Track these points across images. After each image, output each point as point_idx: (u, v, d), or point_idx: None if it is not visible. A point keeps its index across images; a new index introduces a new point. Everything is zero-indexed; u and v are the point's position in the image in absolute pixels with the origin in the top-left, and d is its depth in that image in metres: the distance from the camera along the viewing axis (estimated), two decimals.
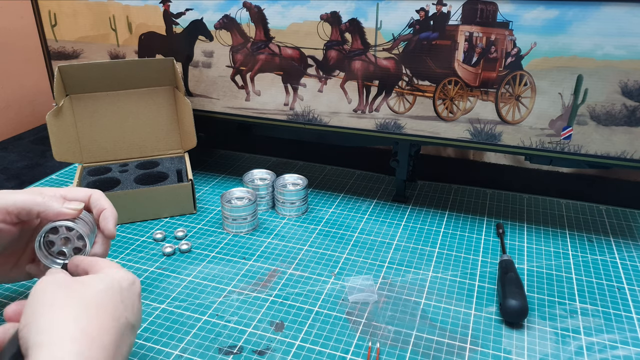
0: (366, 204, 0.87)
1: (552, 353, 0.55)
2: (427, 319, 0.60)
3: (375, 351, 0.55)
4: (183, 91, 0.84)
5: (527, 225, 0.80)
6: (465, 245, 0.75)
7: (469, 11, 0.67)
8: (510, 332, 0.58)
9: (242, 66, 0.83)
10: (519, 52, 0.67)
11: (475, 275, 0.68)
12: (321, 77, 0.79)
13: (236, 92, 0.85)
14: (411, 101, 0.75)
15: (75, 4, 0.89)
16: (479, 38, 0.68)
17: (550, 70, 0.67)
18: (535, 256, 0.72)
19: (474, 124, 0.73)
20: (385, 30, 0.72)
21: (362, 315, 0.61)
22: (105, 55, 0.92)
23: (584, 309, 0.62)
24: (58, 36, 0.93)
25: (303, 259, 0.72)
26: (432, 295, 0.64)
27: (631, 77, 0.64)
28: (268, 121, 0.85)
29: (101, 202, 0.56)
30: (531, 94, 0.69)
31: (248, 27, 0.80)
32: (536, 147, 0.72)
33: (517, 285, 0.61)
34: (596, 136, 0.68)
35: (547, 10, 0.64)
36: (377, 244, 0.75)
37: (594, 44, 0.64)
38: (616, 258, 0.72)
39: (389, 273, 0.68)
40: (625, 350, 0.56)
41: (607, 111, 0.67)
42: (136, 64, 0.84)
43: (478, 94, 0.71)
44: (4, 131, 1.19)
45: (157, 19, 0.85)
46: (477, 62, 0.70)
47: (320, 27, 0.76)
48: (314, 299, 0.63)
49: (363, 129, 0.80)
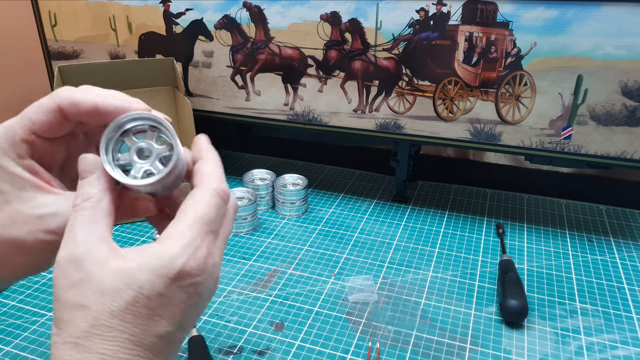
0: (366, 204, 0.87)
1: (552, 353, 0.55)
2: (427, 319, 0.60)
3: (375, 351, 0.55)
4: (183, 91, 0.84)
5: (527, 225, 0.80)
6: (465, 245, 0.75)
7: (469, 11, 0.67)
8: (510, 332, 0.58)
9: (242, 66, 0.83)
10: (519, 52, 0.67)
11: (475, 275, 0.68)
12: (321, 77, 0.79)
13: (236, 92, 0.85)
14: (411, 101, 0.75)
15: (75, 4, 0.89)
16: (479, 38, 0.68)
17: (550, 70, 0.67)
18: (535, 256, 0.72)
19: (474, 124, 0.73)
20: (385, 30, 0.72)
21: (362, 315, 0.61)
22: (105, 55, 0.91)
23: (584, 309, 0.62)
24: (58, 36, 0.93)
25: (303, 259, 0.72)
26: (432, 295, 0.64)
27: (631, 77, 0.64)
28: (268, 121, 0.85)
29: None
30: (531, 94, 0.69)
31: (248, 27, 0.80)
32: (536, 147, 0.72)
33: (517, 285, 0.61)
34: (596, 136, 0.68)
35: (547, 10, 0.64)
36: (377, 244, 0.75)
37: (594, 44, 0.64)
38: (616, 258, 0.72)
39: (389, 273, 0.68)
40: (625, 350, 0.56)
41: (607, 111, 0.67)
42: (136, 64, 0.84)
43: (478, 94, 0.71)
44: None
45: (157, 19, 0.85)
46: (477, 62, 0.70)
47: (320, 27, 0.76)
48: (314, 299, 0.63)
49: (363, 129, 0.80)
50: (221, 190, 0.30)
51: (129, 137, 0.31)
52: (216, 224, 0.30)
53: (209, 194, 0.30)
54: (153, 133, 0.31)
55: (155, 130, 0.31)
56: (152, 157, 0.31)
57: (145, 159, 0.31)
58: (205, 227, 0.29)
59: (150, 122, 0.31)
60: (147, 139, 0.31)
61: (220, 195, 0.30)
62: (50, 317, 0.60)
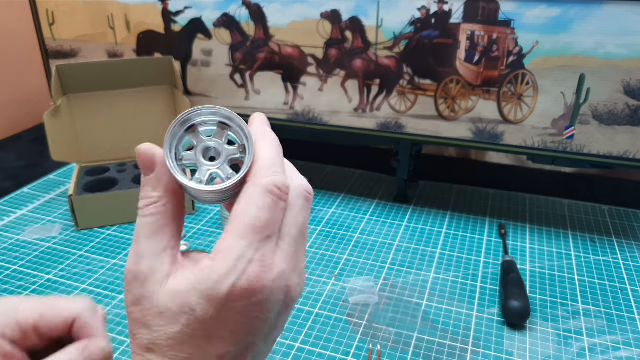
0: (367, 204, 0.86)
1: (554, 355, 0.55)
2: (428, 321, 0.59)
3: (376, 353, 0.55)
4: (182, 90, 0.83)
5: (530, 225, 0.79)
6: (467, 246, 0.74)
7: (471, 9, 0.67)
8: (512, 334, 0.58)
9: (242, 65, 0.82)
10: (521, 51, 0.67)
11: (477, 277, 0.67)
12: (321, 75, 0.78)
13: (235, 91, 0.85)
14: (412, 100, 0.75)
15: (73, 2, 0.88)
16: (480, 37, 0.68)
17: (552, 70, 0.66)
18: (537, 257, 0.72)
19: (476, 123, 0.73)
20: (386, 29, 0.72)
21: (362, 317, 0.60)
22: (103, 54, 0.91)
23: (586, 310, 0.62)
24: (56, 35, 0.92)
25: None
26: (433, 296, 0.64)
27: (633, 76, 0.64)
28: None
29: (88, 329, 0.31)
30: (533, 93, 0.68)
31: (247, 26, 0.79)
32: (538, 147, 0.71)
33: (519, 287, 0.61)
34: (599, 136, 0.68)
35: (549, 9, 0.64)
36: (377, 244, 0.75)
37: (596, 42, 0.63)
38: (619, 259, 0.72)
39: (390, 274, 0.68)
40: (627, 351, 0.55)
41: (609, 110, 0.66)
42: (134, 63, 0.83)
43: (480, 93, 0.71)
44: (1, 131, 1.19)
45: (156, 18, 0.84)
46: (479, 60, 0.69)
47: (321, 25, 0.75)
48: (314, 301, 0.63)
49: (364, 128, 0.79)
50: (273, 186, 0.26)
51: (196, 135, 0.27)
52: (272, 227, 0.26)
53: (258, 192, 0.26)
54: (223, 131, 0.27)
55: (225, 128, 0.27)
56: (222, 159, 0.27)
57: (213, 161, 0.27)
58: (257, 236, 0.25)
59: (220, 118, 0.27)
60: (216, 138, 0.27)
61: (272, 192, 0.26)
62: None
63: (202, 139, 0.27)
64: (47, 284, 0.66)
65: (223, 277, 0.24)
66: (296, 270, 0.27)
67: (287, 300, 0.27)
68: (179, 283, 0.25)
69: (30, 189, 0.90)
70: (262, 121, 0.31)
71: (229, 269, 0.25)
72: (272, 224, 0.26)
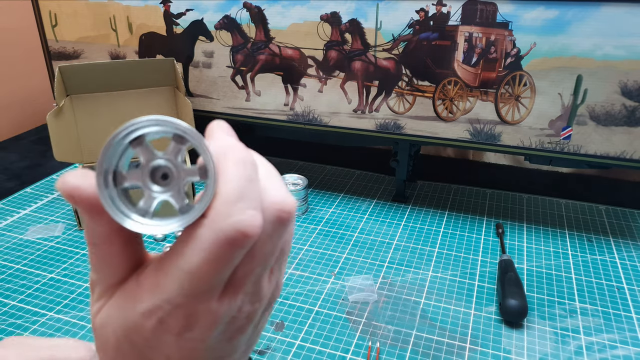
0: (366, 204, 0.87)
1: (552, 353, 0.55)
2: (427, 319, 0.60)
3: (375, 351, 0.55)
4: (183, 91, 0.84)
5: (527, 225, 0.80)
6: (465, 245, 0.75)
7: (469, 11, 0.67)
8: (509, 332, 0.58)
9: (243, 66, 0.83)
10: (519, 53, 0.67)
11: (475, 275, 0.68)
12: (321, 77, 0.79)
13: (236, 93, 0.85)
14: (411, 101, 0.75)
15: (76, 4, 0.89)
16: (478, 38, 0.68)
17: (549, 71, 0.67)
18: (534, 256, 0.72)
19: (474, 124, 0.73)
20: (385, 31, 0.72)
21: (362, 315, 0.61)
22: (105, 56, 0.92)
23: (583, 308, 0.62)
24: (58, 36, 0.93)
25: (303, 258, 0.72)
26: (432, 295, 0.64)
27: (630, 77, 0.64)
28: (268, 121, 0.85)
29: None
30: (531, 94, 0.69)
31: (248, 28, 0.80)
32: (536, 147, 0.72)
33: (516, 285, 0.61)
34: (596, 136, 0.69)
35: (547, 11, 0.64)
36: (377, 243, 0.75)
37: (593, 44, 0.64)
38: (615, 258, 0.72)
39: (389, 273, 0.69)
40: (624, 350, 0.56)
41: (606, 111, 0.67)
42: (137, 65, 0.84)
43: (478, 94, 0.72)
44: (4, 131, 1.20)
45: (158, 20, 0.85)
46: (476, 62, 0.70)
47: (321, 28, 0.76)
48: (314, 299, 0.63)
49: (363, 129, 0.80)
50: (235, 232, 0.19)
51: (144, 148, 0.21)
52: (218, 283, 0.21)
53: (211, 241, 0.20)
54: (179, 147, 0.21)
55: (182, 142, 0.21)
56: (175, 183, 0.21)
57: (163, 184, 0.21)
58: (196, 291, 0.20)
59: (173, 130, 0.20)
60: (170, 155, 0.21)
61: (232, 242, 0.19)
62: (51, 317, 0.61)
63: (153, 155, 0.21)
64: (50, 282, 0.66)
65: (144, 318, 0.22)
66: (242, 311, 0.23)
67: (230, 331, 0.23)
68: (101, 317, 0.23)
69: (33, 189, 0.91)
70: (224, 131, 0.23)
71: (152, 308, 0.21)
72: (219, 280, 0.21)
